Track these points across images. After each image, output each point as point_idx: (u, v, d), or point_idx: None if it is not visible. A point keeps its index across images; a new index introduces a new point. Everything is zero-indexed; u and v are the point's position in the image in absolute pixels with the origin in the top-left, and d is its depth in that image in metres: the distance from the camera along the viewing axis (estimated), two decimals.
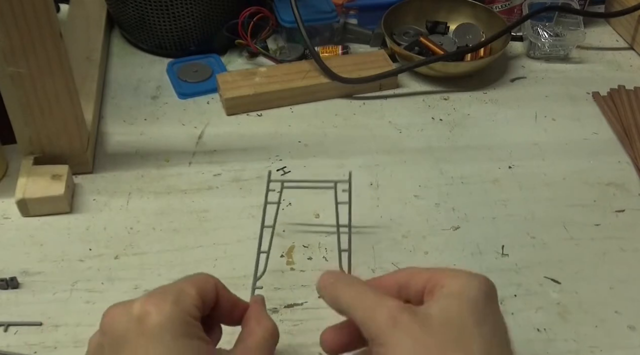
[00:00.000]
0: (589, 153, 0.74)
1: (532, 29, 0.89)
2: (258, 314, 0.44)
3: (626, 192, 0.69)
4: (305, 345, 0.53)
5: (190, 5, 0.81)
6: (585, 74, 0.88)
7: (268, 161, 0.71)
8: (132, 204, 0.65)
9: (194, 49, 0.85)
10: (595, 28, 0.96)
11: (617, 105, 0.80)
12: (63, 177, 0.64)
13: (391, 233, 0.63)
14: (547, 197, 0.68)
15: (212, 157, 0.71)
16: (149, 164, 0.70)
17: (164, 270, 0.59)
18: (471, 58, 0.84)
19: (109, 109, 0.78)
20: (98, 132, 0.74)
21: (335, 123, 0.77)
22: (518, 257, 0.61)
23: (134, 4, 0.81)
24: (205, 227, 0.63)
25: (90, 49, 0.81)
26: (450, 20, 0.91)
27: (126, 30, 0.88)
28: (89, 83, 0.76)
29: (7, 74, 0.59)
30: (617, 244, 0.63)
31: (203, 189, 0.67)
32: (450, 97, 0.82)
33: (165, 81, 0.82)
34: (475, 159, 0.72)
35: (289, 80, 0.79)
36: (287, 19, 0.84)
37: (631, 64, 0.90)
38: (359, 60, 0.83)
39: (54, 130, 0.64)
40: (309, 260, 0.60)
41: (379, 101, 0.81)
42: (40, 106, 0.62)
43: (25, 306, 0.55)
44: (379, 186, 0.68)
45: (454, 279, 0.38)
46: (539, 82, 0.86)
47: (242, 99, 0.77)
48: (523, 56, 0.90)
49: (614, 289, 0.59)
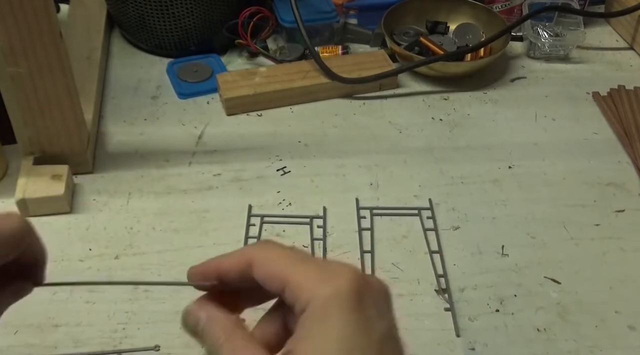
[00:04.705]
0: (589, 153, 0.74)
1: (532, 29, 0.89)
2: None
3: (626, 192, 0.69)
4: None
5: (190, 5, 0.81)
6: (585, 74, 0.88)
7: (268, 161, 0.71)
8: (132, 204, 0.65)
9: (194, 49, 0.85)
10: (595, 28, 0.96)
11: (617, 105, 0.80)
12: (63, 177, 0.64)
13: (391, 233, 0.63)
14: (547, 197, 0.68)
15: (212, 157, 0.71)
16: (149, 164, 0.70)
17: (164, 270, 0.59)
18: (471, 58, 0.84)
19: (109, 109, 0.78)
20: (98, 132, 0.74)
21: (335, 123, 0.77)
22: (518, 257, 0.61)
23: (134, 4, 0.81)
24: (205, 227, 0.63)
25: (90, 49, 0.81)
26: (450, 20, 0.91)
27: (126, 30, 0.88)
28: (89, 83, 0.76)
29: (7, 74, 0.59)
30: (617, 244, 0.63)
31: (203, 189, 0.67)
32: (450, 97, 0.82)
33: (165, 81, 0.82)
34: (475, 159, 0.72)
35: (289, 80, 0.79)
36: (287, 19, 0.84)
37: (631, 64, 0.90)
38: (359, 60, 0.83)
39: (54, 130, 0.64)
40: None
41: (379, 101, 0.81)
42: (40, 106, 0.62)
43: (26, 306, 0.55)
44: (379, 186, 0.68)
45: (313, 296, 0.30)
46: (539, 82, 0.86)
47: (242, 99, 0.77)
48: (523, 56, 0.90)
49: (613, 289, 0.59)
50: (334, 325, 0.29)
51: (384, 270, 0.59)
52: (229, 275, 0.33)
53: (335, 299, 0.29)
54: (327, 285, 0.29)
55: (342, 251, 0.61)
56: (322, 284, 0.30)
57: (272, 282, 0.31)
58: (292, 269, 0.31)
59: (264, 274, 0.32)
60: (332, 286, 0.29)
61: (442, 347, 0.54)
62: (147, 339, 0.53)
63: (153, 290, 0.57)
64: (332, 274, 0.30)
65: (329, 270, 0.30)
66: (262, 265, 0.32)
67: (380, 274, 0.59)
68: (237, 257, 0.33)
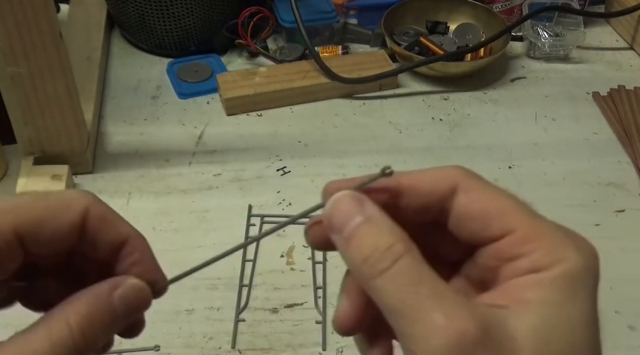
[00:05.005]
0: (588, 153, 0.74)
1: (532, 29, 0.89)
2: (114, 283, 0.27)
3: (626, 192, 0.69)
4: (306, 345, 0.53)
5: (190, 5, 0.81)
6: (585, 74, 0.88)
7: (268, 161, 0.71)
8: (132, 204, 0.65)
9: (194, 49, 0.85)
10: (595, 28, 0.96)
11: (617, 105, 0.80)
12: (63, 177, 0.64)
13: None
14: (547, 197, 0.68)
15: (212, 157, 0.71)
16: (149, 164, 0.70)
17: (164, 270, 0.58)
18: (471, 58, 0.84)
19: (109, 109, 0.78)
20: (98, 132, 0.74)
21: (335, 123, 0.77)
22: None
23: (134, 4, 0.81)
24: (205, 227, 0.63)
25: (90, 49, 0.81)
26: (450, 20, 0.91)
27: (126, 30, 0.88)
28: (89, 83, 0.76)
29: (7, 74, 0.59)
30: (617, 244, 0.63)
31: (203, 189, 0.67)
32: (450, 97, 0.82)
33: (165, 81, 0.82)
34: (475, 159, 0.72)
35: (289, 80, 0.79)
36: (287, 19, 0.84)
37: (631, 64, 0.90)
38: (359, 60, 0.83)
39: (54, 130, 0.64)
40: (309, 260, 0.60)
41: (379, 101, 0.81)
42: (40, 106, 0.62)
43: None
44: None
45: (567, 262, 0.24)
46: (539, 82, 0.86)
47: (242, 99, 0.77)
48: (523, 56, 0.90)
49: (613, 289, 0.59)
50: (583, 305, 0.24)
51: None
52: (417, 197, 0.27)
53: (588, 273, 0.24)
54: (580, 254, 0.24)
55: None
56: (576, 251, 0.24)
57: (481, 222, 0.26)
58: (523, 217, 0.26)
59: (473, 208, 0.26)
60: (585, 257, 0.24)
61: None
62: (147, 339, 0.53)
63: None
64: (580, 243, 0.25)
65: (572, 237, 0.25)
66: (473, 199, 0.26)
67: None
68: (435, 175, 0.27)
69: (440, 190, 0.27)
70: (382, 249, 0.24)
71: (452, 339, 0.22)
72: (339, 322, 0.28)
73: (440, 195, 0.27)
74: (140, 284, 0.28)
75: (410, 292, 0.23)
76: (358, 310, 0.27)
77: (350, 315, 0.27)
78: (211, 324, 0.55)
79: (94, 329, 0.25)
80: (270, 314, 0.56)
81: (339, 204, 0.26)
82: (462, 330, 0.22)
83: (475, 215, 0.26)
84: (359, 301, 0.27)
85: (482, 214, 0.26)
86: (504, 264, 0.25)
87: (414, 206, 0.27)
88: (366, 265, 0.24)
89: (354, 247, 0.25)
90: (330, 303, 0.57)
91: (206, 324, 0.55)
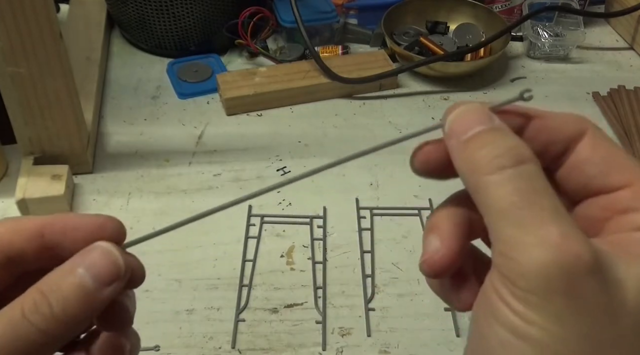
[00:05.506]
0: None
1: (532, 29, 0.89)
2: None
3: None
4: (306, 345, 0.53)
5: (190, 5, 0.81)
6: (585, 74, 0.88)
7: (268, 161, 0.71)
8: (132, 204, 0.65)
9: (194, 49, 0.85)
10: (595, 28, 0.96)
11: (617, 105, 0.80)
12: (63, 177, 0.64)
13: (391, 233, 0.63)
14: None
15: (212, 157, 0.71)
16: (149, 164, 0.70)
17: (164, 270, 0.58)
18: (471, 58, 0.84)
19: (109, 109, 0.78)
20: (98, 132, 0.74)
21: (335, 123, 0.77)
22: None
23: (134, 4, 0.81)
24: (205, 227, 0.63)
25: (90, 49, 0.81)
26: (450, 20, 0.91)
27: (126, 30, 0.88)
28: (89, 83, 0.76)
29: (7, 74, 0.59)
30: None
31: (203, 189, 0.67)
32: (450, 97, 0.82)
33: (165, 81, 0.82)
34: None
35: (289, 80, 0.79)
36: (287, 19, 0.84)
37: (631, 64, 0.90)
38: (359, 60, 0.83)
39: (54, 130, 0.64)
40: (309, 260, 0.60)
41: (379, 101, 0.81)
42: (40, 106, 0.62)
43: None
44: (379, 186, 0.68)
45: None
46: (539, 82, 0.85)
47: (242, 99, 0.77)
48: (523, 56, 0.90)
49: None
50: None
51: (384, 270, 0.59)
52: (546, 131, 0.27)
53: None
54: None
55: (342, 251, 0.61)
56: None
57: (604, 167, 0.26)
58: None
59: (599, 154, 0.26)
60: None
61: (442, 347, 0.54)
62: (147, 339, 0.53)
63: (153, 290, 0.57)
64: None
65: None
66: (600, 145, 0.26)
67: (380, 274, 0.59)
68: (567, 115, 0.27)
69: (570, 130, 0.26)
70: (506, 147, 0.24)
71: (564, 258, 0.21)
72: (430, 263, 0.27)
73: (568, 134, 0.26)
74: (105, 247, 0.27)
75: (528, 199, 0.22)
76: (452, 249, 0.26)
77: (443, 254, 0.26)
78: (211, 324, 0.55)
79: (63, 306, 0.24)
80: (270, 314, 0.56)
81: (465, 113, 0.26)
82: (576, 254, 0.21)
83: (598, 161, 0.26)
84: (453, 238, 0.27)
85: (606, 161, 0.26)
86: (614, 216, 0.25)
87: (539, 140, 0.27)
88: (484, 160, 0.24)
89: (472, 147, 0.25)
90: (330, 303, 0.57)
91: (206, 324, 0.55)
